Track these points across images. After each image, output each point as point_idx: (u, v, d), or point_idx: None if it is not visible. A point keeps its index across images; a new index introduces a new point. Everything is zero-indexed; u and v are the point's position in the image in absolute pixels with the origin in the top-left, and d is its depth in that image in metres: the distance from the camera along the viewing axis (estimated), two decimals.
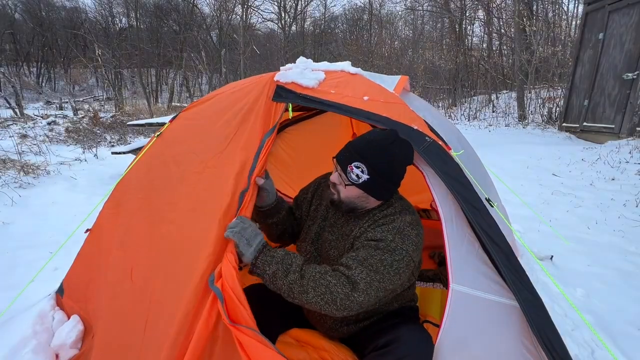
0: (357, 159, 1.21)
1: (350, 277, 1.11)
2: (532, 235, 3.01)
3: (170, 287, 1.22)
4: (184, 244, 1.27)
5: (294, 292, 1.11)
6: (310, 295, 1.09)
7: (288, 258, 1.15)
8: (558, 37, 11.36)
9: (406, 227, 1.21)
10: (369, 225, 1.26)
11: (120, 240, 1.49)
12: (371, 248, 1.17)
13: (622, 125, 5.76)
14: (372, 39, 20.34)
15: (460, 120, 10.87)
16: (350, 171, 1.22)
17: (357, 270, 1.12)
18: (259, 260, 1.14)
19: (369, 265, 1.13)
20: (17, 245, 2.85)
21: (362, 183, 1.21)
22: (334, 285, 1.09)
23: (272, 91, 1.43)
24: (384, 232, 1.20)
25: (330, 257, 1.34)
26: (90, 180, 4.82)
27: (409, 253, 1.17)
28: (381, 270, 1.12)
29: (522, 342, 1.09)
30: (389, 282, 1.14)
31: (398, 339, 1.17)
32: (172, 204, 1.39)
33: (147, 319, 1.22)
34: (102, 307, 1.42)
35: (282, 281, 1.11)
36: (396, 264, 1.14)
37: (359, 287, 1.09)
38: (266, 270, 1.13)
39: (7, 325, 1.65)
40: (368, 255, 1.14)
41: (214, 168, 1.37)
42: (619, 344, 1.78)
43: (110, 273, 1.43)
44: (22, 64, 25.39)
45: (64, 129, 8.21)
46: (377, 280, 1.12)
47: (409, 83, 1.95)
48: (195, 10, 21.07)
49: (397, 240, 1.17)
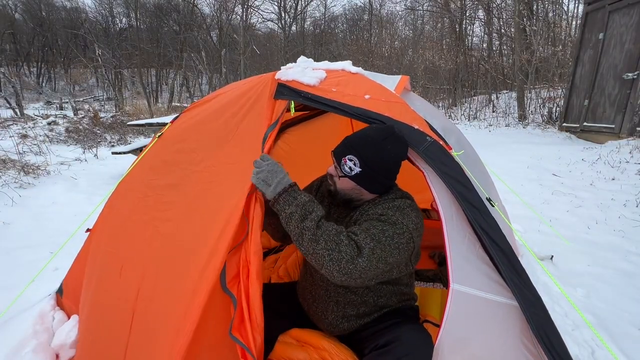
0: (350, 152, 1.27)
1: (357, 241, 1.14)
2: (533, 235, 3.01)
3: (163, 284, 1.21)
4: (180, 242, 1.26)
5: (304, 239, 1.12)
6: (320, 247, 1.11)
7: (310, 205, 1.16)
8: (558, 37, 11.35)
9: (406, 207, 1.27)
10: (369, 207, 1.32)
11: (113, 238, 1.49)
12: (373, 220, 1.22)
13: (623, 125, 5.75)
14: (372, 39, 20.34)
15: (460, 120, 10.87)
16: (344, 164, 1.27)
17: (362, 236, 1.15)
18: (280, 197, 1.16)
19: (372, 234, 1.16)
20: (17, 245, 2.86)
21: (354, 175, 1.27)
22: (345, 245, 1.11)
23: (273, 89, 1.43)
24: (385, 208, 1.26)
25: None
26: (90, 180, 4.82)
27: (409, 229, 1.21)
28: (383, 241, 1.16)
29: (523, 341, 1.09)
30: (389, 254, 1.16)
31: (398, 338, 1.18)
32: (169, 203, 1.38)
33: (133, 315, 1.22)
34: (87, 302, 1.42)
35: (297, 224, 1.14)
36: (397, 237, 1.18)
37: (363, 252, 1.12)
38: (285, 209, 1.15)
39: (7, 325, 1.65)
40: (370, 226, 1.19)
41: (214, 167, 1.37)
42: (619, 343, 1.78)
43: (99, 270, 1.43)
44: (22, 64, 25.38)
45: (64, 129, 8.21)
46: (380, 249, 1.14)
47: (409, 83, 1.95)
48: (196, 10, 21.06)
49: (398, 215, 1.23)
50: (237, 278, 1.15)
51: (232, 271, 1.15)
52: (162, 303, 1.18)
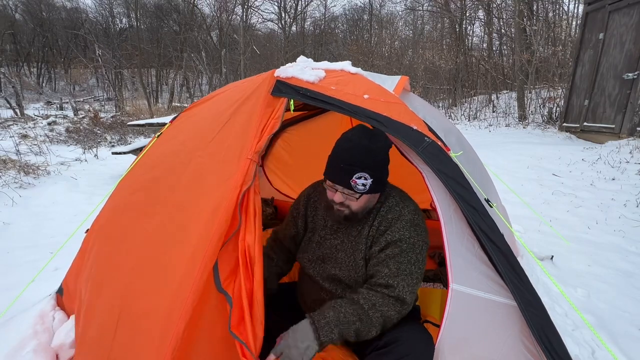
0: (356, 170, 1.21)
1: (398, 296, 1.20)
2: (533, 235, 3.01)
3: (148, 281, 1.20)
4: (164, 239, 1.25)
5: (361, 335, 1.18)
6: (374, 330, 1.18)
7: (341, 315, 1.16)
8: (558, 37, 11.34)
9: (415, 217, 1.31)
10: (379, 222, 1.32)
11: (108, 237, 1.48)
12: (396, 255, 1.25)
13: (623, 125, 5.75)
14: (372, 39, 20.36)
15: (460, 120, 10.87)
16: (355, 185, 1.23)
17: (400, 286, 1.21)
18: (322, 340, 1.12)
19: (404, 272, 1.22)
20: (17, 245, 2.86)
21: (369, 188, 1.25)
22: (387, 311, 1.18)
23: (271, 85, 1.41)
24: (400, 229, 1.28)
25: (338, 260, 1.37)
26: (90, 180, 4.83)
27: (425, 241, 1.29)
28: (414, 271, 1.24)
29: (523, 342, 1.09)
30: (420, 274, 1.26)
31: (398, 338, 1.18)
32: (161, 199, 1.37)
33: (119, 315, 1.20)
34: (83, 304, 1.40)
35: (349, 332, 1.16)
36: (421, 256, 1.26)
37: (406, 301, 1.21)
38: (333, 338, 1.15)
39: (7, 325, 1.64)
40: (398, 264, 1.23)
41: (201, 158, 1.35)
42: (619, 344, 1.78)
43: (94, 270, 1.42)
44: (22, 65, 25.41)
45: (65, 129, 8.23)
46: (415, 282, 1.23)
47: (409, 83, 1.94)
48: (196, 10, 21.07)
49: (414, 234, 1.27)
50: (232, 276, 1.13)
51: (226, 269, 1.12)
52: (147, 301, 1.15)
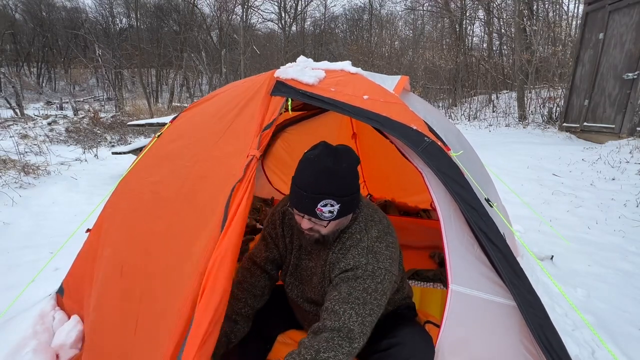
0: (320, 198, 1.10)
1: (342, 329, 1.04)
2: (533, 235, 3.01)
3: (162, 284, 1.20)
4: (172, 240, 1.25)
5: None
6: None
7: None
8: (558, 37, 11.33)
9: (375, 244, 1.18)
10: (339, 249, 1.22)
11: (112, 238, 1.49)
12: (350, 280, 1.12)
13: (623, 125, 5.75)
14: (372, 39, 20.34)
15: (460, 120, 10.87)
16: (321, 213, 1.11)
17: (346, 315, 1.06)
18: None
19: (355, 299, 1.08)
20: (17, 245, 2.86)
21: (337, 214, 1.13)
22: (334, 356, 1.01)
23: (271, 86, 1.42)
24: (355, 256, 1.16)
25: (313, 284, 1.31)
26: (90, 180, 4.82)
27: (387, 269, 1.15)
28: (369, 301, 1.09)
29: (522, 342, 1.09)
30: (377, 307, 1.11)
31: (400, 341, 1.17)
32: (165, 200, 1.38)
33: (137, 318, 1.20)
34: (91, 305, 1.41)
35: None
36: (380, 286, 1.12)
37: (354, 334, 1.04)
38: None
39: (7, 325, 1.64)
40: (350, 289, 1.10)
41: (206, 161, 1.36)
42: (619, 344, 1.77)
43: (101, 270, 1.43)
44: (22, 64, 25.41)
45: (65, 129, 8.22)
46: (368, 313, 1.08)
47: (409, 83, 1.94)
48: (196, 10, 21.07)
49: (372, 261, 1.15)
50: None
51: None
52: (163, 304, 1.16)
